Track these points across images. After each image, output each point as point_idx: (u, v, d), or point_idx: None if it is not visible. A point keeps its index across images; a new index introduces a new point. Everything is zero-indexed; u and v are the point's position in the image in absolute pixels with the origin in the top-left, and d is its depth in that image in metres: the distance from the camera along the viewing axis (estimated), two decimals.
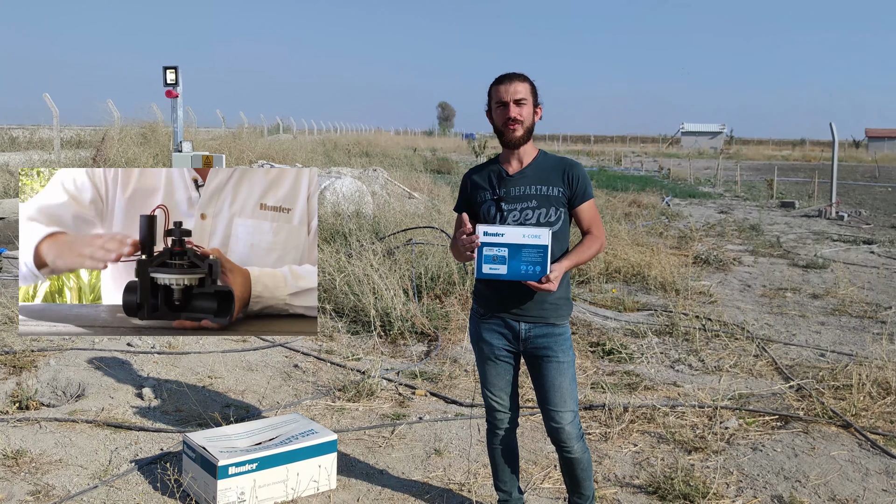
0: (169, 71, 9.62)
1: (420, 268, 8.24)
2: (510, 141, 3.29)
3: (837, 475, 4.35)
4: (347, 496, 4.02)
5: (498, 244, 3.14)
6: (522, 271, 3.13)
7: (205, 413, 4.94)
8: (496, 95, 3.28)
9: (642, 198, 19.65)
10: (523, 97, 3.25)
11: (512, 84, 3.26)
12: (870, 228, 16.31)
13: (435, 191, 16.45)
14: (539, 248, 3.13)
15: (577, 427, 3.39)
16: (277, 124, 43.32)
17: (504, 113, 3.25)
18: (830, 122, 19.10)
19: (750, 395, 5.65)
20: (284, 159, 20.77)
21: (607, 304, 8.39)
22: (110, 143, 16.03)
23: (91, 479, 4.06)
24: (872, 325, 7.84)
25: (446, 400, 5.45)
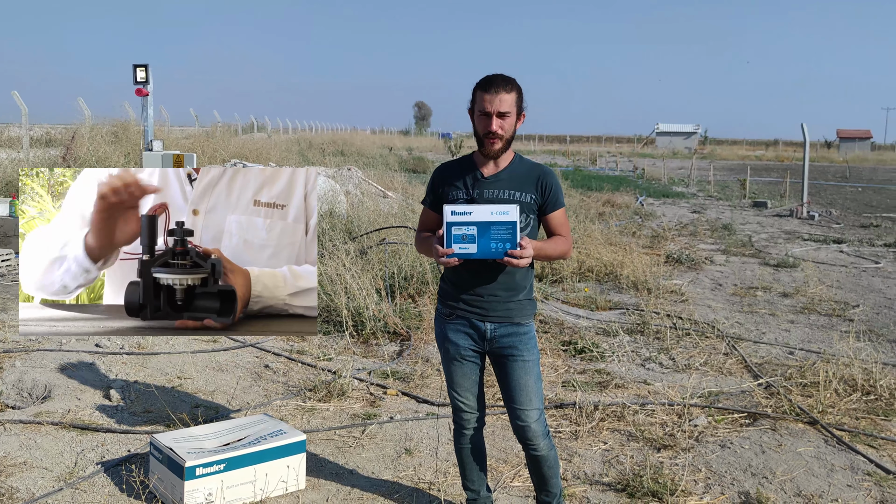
0: (139, 69, 9.51)
1: (393, 267, 8.23)
2: (488, 153, 3.27)
3: (804, 471, 4.39)
4: (316, 496, 4.00)
5: (466, 223, 3.12)
6: (492, 248, 3.10)
7: (173, 414, 4.89)
8: (480, 102, 3.20)
9: (616, 197, 19.77)
10: (507, 110, 3.18)
11: (498, 95, 3.16)
12: (840, 228, 16.52)
13: (410, 190, 16.43)
14: (508, 224, 3.11)
15: (543, 425, 3.40)
16: (252, 123, 43.07)
17: (486, 124, 3.20)
18: (802, 123, 19.28)
19: (719, 392, 5.70)
20: (258, 158, 20.64)
21: (580, 302, 8.42)
22: (80, 142, 15.84)
23: (56, 482, 4.01)
24: (840, 323, 7.94)
25: (418, 399, 5.45)
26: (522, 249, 3.08)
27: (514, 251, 3.07)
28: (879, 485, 4.25)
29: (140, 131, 17.01)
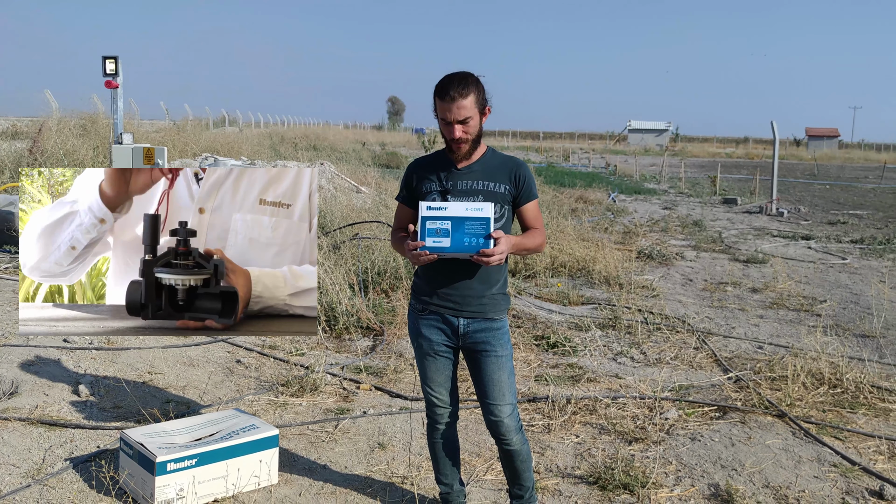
0: (108, 61, 9.38)
1: (366, 262, 8.21)
2: (456, 157, 3.27)
3: (772, 463, 4.46)
4: (289, 491, 3.99)
5: (441, 217, 3.13)
6: (465, 243, 3.10)
7: (143, 409, 4.84)
8: (440, 110, 3.18)
9: (589, 194, 19.88)
10: (468, 115, 3.16)
11: (455, 103, 3.12)
12: (808, 225, 16.76)
13: (383, 185, 16.39)
14: (482, 220, 3.11)
15: (516, 419, 3.41)
16: (223, 117, 42.69)
17: (449, 132, 3.19)
18: (772, 121, 19.50)
19: (690, 386, 5.76)
20: (230, 152, 20.46)
21: (552, 297, 8.46)
22: (48, 134, 15.57)
23: (24, 478, 3.95)
24: (808, 318, 8.05)
25: (391, 394, 5.44)
26: (495, 246, 3.08)
27: (486, 250, 3.07)
28: (845, 476, 4.33)
29: (109, 124, 16.80)
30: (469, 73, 3.21)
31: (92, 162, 15.47)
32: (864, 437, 4.84)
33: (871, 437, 4.83)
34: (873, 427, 5.02)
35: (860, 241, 13.95)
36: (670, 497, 4.05)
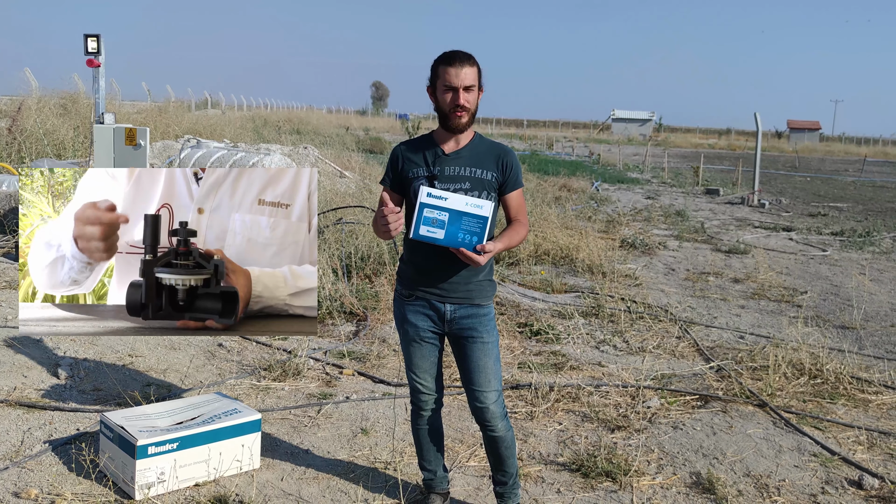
0: (91, 39, 9.20)
1: (350, 247, 8.17)
2: (455, 127, 3.25)
3: (753, 452, 4.49)
4: (271, 475, 3.97)
5: (440, 207, 3.10)
6: (459, 239, 3.08)
7: (124, 392, 4.80)
8: (444, 77, 3.18)
9: (572, 182, 19.88)
10: (472, 83, 3.19)
11: (462, 68, 3.16)
12: (789, 216, 16.87)
13: (367, 170, 16.31)
14: (480, 218, 3.10)
15: (502, 406, 3.41)
16: (206, 99, 42.27)
17: (453, 99, 3.18)
18: (755, 113, 19.53)
19: (672, 375, 5.78)
20: (212, 135, 20.27)
21: (536, 285, 8.47)
22: (27, 113, 15.36)
23: (1, 460, 3.90)
24: (789, 309, 8.11)
25: (374, 379, 5.43)
26: (485, 254, 3.09)
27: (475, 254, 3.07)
28: (825, 465, 4.36)
29: (90, 104, 16.57)
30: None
31: (73, 142, 15.28)
32: (843, 428, 4.88)
33: (850, 428, 4.87)
34: (853, 417, 5.07)
35: (840, 233, 14.06)
36: (652, 485, 4.07)
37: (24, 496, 3.58)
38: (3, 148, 14.36)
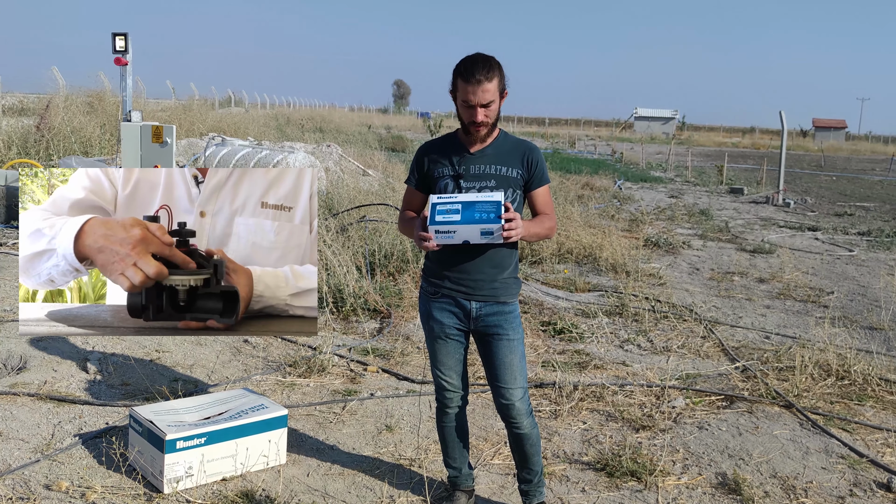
0: (118, 38, 9.31)
1: (374, 245, 8.20)
2: (473, 140, 3.28)
3: (779, 453, 4.46)
4: (297, 471, 4.00)
5: (451, 201, 3.14)
6: (476, 217, 3.07)
7: (151, 387, 4.86)
8: (462, 92, 3.15)
9: (595, 181, 19.81)
10: (491, 99, 3.15)
11: (480, 86, 3.11)
12: (815, 216, 16.70)
13: (389, 168, 16.35)
14: (493, 202, 3.10)
15: (527, 403, 3.41)
16: (229, 97, 42.55)
17: (470, 115, 3.18)
18: (780, 111, 19.34)
19: (697, 375, 5.75)
20: (236, 133, 20.42)
21: (559, 284, 8.45)
22: (55, 111, 15.55)
23: (33, 453, 3.96)
24: (815, 310, 8.03)
25: (398, 376, 5.45)
26: (508, 213, 3.05)
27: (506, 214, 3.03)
28: (853, 468, 4.32)
29: (116, 102, 16.75)
30: (491, 56, 3.20)
31: (99, 140, 15.45)
32: (871, 430, 4.84)
33: (879, 430, 4.82)
34: (881, 420, 5.01)
35: (867, 233, 13.91)
36: (678, 485, 4.05)
37: (55, 488, 3.64)
38: (32, 145, 14.55)
